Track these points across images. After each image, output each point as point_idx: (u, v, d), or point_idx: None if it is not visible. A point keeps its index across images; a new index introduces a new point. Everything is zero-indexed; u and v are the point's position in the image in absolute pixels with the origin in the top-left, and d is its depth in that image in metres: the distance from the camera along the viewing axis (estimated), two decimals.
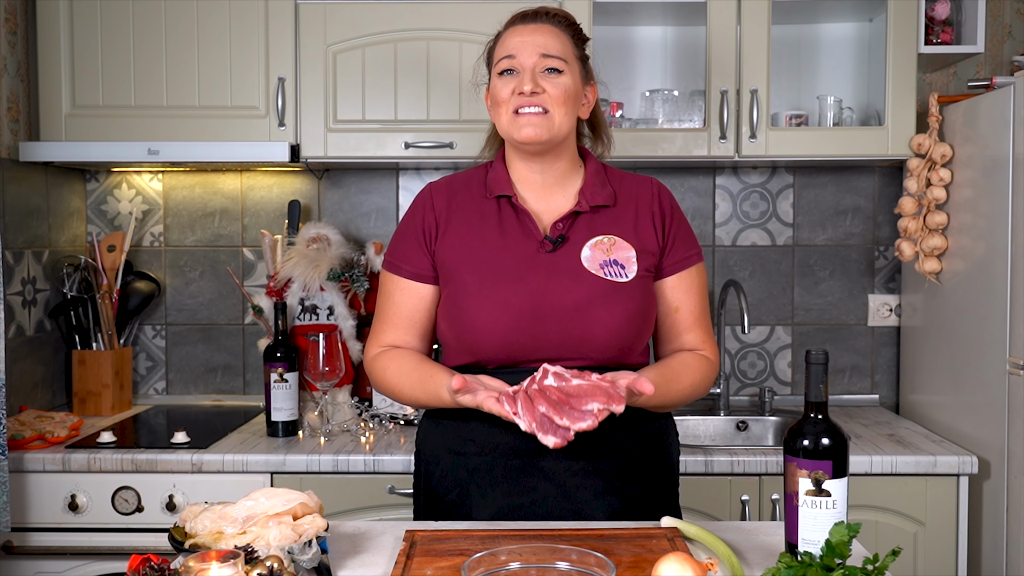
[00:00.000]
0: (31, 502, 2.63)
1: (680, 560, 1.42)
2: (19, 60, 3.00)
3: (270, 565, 1.42)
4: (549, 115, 1.86)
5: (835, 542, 1.46)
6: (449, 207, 1.96)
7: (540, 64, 1.87)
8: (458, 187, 2.00)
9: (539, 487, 1.88)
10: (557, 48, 1.88)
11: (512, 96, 1.87)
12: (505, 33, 1.94)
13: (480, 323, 1.86)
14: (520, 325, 1.84)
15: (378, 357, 1.98)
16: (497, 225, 1.93)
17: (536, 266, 1.88)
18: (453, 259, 1.92)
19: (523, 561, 1.49)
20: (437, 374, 1.87)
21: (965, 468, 2.63)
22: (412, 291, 1.96)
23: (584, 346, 1.85)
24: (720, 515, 2.64)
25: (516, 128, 1.87)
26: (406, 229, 1.99)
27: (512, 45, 1.89)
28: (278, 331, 2.89)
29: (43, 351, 3.11)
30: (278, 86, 2.93)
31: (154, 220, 3.38)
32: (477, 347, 1.87)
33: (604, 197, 1.94)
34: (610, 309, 1.86)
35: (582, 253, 1.89)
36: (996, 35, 3.25)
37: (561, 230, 1.91)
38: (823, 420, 1.57)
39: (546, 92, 1.86)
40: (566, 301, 1.85)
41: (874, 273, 3.35)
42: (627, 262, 1.90)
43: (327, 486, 2.62)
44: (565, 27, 1.94)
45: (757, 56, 2.92)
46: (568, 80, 1.88)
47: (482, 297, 1.87)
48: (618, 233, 1.92)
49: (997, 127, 2.61)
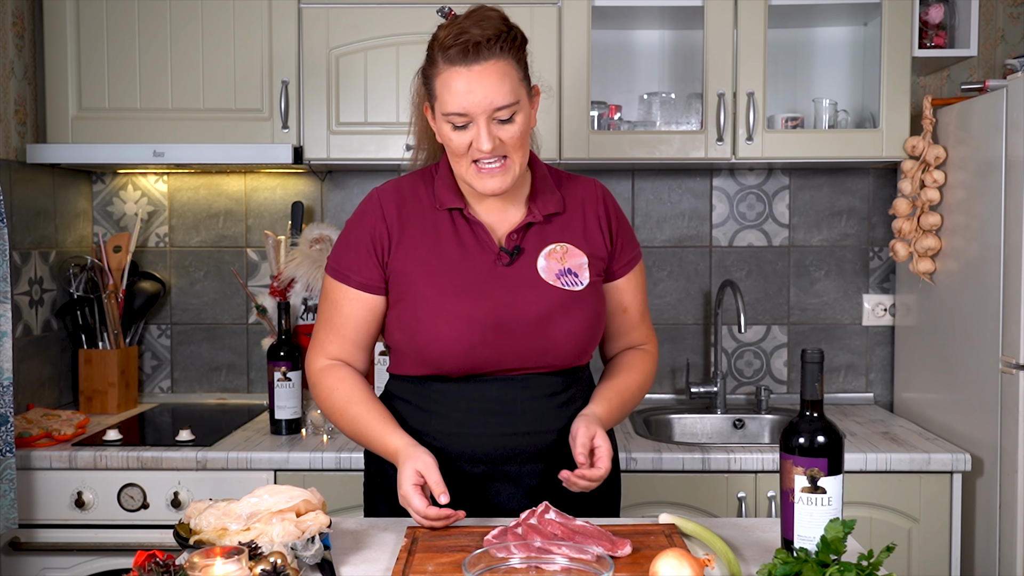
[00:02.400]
0: (38, 499, 2.64)
1: (677, 556, 1.43)
2: (26, 63, 3.02)
3: (274, 561, 1.43)
4: (509, 162, 1.82)
5: (830, 538, 1.48)
6: (400, 216, 1.92)
7: (494, 115, 1.78)
8: (407, 195, 1.95)
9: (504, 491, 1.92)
10: (506, 93, 1.77)
11: (469, 151, 1.81)
12: (446, 73, 1.79)
13: (444, 338, 1.85)
14: (485, 339, 1.85)
15: (325, 373, 1.96)
16: (452, 237, 1.90)
17: (494, 279, 1.88)
18: (408, 271, 1.89)
19: (523, 557, 1.50)
20: (385, 431, 1.87)
21: (958, 465, 2.64)
22: (360, 301, 1.93)
23: (546, 355, 1.89)
24: (717, 512, 2.66)
25: (479, 182, 1.83)
26: (354, 237, 1.94)
27: (460, 99, 1.76)
28: (281, 330, 2.91)
29: (50, 350, 3.13)
30: (281, 89, 2.95)
31: (159, 221, 3.40)
32: (439, 361, 1.87)
33: (554, 204, 1.94)
34: (570, 318, 1.88)
35: (538, 263, 1.90)
36: (989, 39, 3.27)
37: (516, 241, 1.91)
38: (819, 418, 1.58)
39: (503, 143, 1.80)
40: (529, 314, 1.86)
41: (869, 273, 3.38)
42: (580, 269, 1.92)
43: (330, 483, 2.62)
44: (508, 52, 1.80)
45: (753, 59, 2.94)
46: (521, 120, 1.81)
47: (443, 311, 1.86)
48: (569, 240, 1.94)
49: (990, 129, 2.63)
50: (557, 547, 1.49)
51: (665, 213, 3.35)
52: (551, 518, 1.66)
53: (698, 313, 3.38)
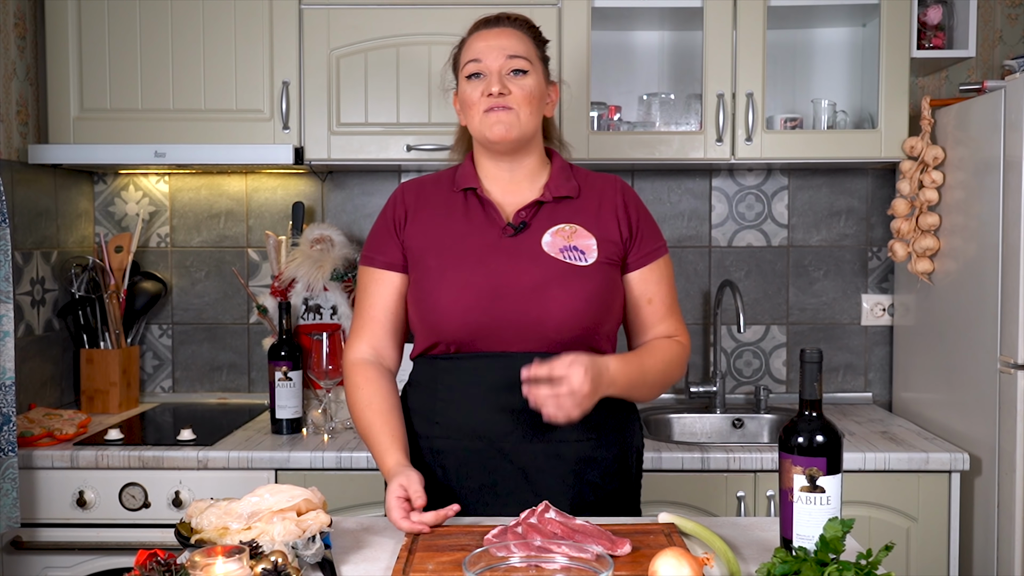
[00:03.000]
0: (40, 498, 2.65)
1: (676, 555, 1.43)
2: (28, 64, 3.03)
3: (274, 560, 1.44)
4: (515, 113, 1.93)
5: (829, 537, 1.48)
6: (417, 201, 2.04)
7: (506, 66, 1.93)
8: (427, 184, 2.08)
9: (501, 468, 1.93)
10: (521, 49, 1.96)
11: (481, 98, 1.93)
12: (470, 39, 2.01)
13: (441, 303, 1.91)
14: (479, 304, 1.89)
15: (357, 368, 2.01)
16: (462, 214, 1.99)
17: (497, 250, 1.94)
18: (419, 245, 1.99)
19: (523, 556, 1.50)
20: (389, 447, 1.90)
21: (957, 465, 2.65)
22: (386, 281, 2.02)
23: (542, 326, 1.89)
24: (716, 511, 2.67)
25: (487, 127, 1.93)
26: (378, 224, 2.07)
27: (477, 49, 1.96)
28: (282, 330, 2.92)
29: (52, 350, 3.14)
30: (282, 90, 2.96)
31: (161, 221, 3.41)
32: (439, 327, 1.93)
33: (568, 189, 2.00)
34: (568, 290, 1.90)
35: (543, 239, 1.95)
36: (987, 39, 3.28)
37: (523, 217, 1.97)
38: (817, 418, 1.58)
39: (512, 93, 1.92)
40: (524, 282, 1.90)
41: (867, 273, 3.38)
42: (587, 248, 1.95)
43: (330, 482, 2.64)
44: (527, 30, 2.01)
45: (752, 60, 2.95)
46: (532, 80, 1.95)
47: (444, 279, 1.92)
48: (579, 223, 1.98)
49: (988, 130, 2.64)
50: (557, 546, 1.49)
51: (664, 213, 3.36)
52: (551, 517, 1.66)
53: (697, 313, 3.39)
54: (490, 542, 1.62)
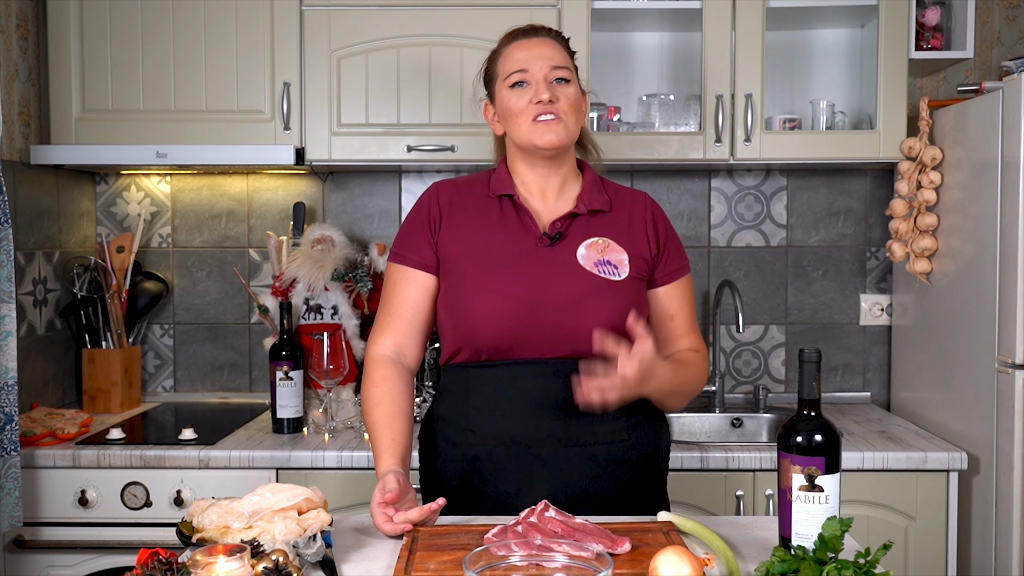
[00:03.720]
0: (42, 497, 2.66)
1: (678, 554, 1.43)
2: (30, 65, 3.04)
3: (275, 559, 1.44)
4: (563, 121, 1.95)
5: (828, 536, 1.48)
6: (452, 202, 2.03)
7: (551, 75, 1.96)
8: (462, 186, 2.08)
9: (536, 472, 1.94)
10: (561, 59, 1.99)
11: (529, 106, 1.95)
12: (507, 49, 2.02)
13: (479, 311, 1.91)
14: (517, 315, 1.90)
15: (376, 365, 2.01)
16: (499, 220, 2.00)
17: (534, 259, 1.95)
18: (454, 250, 1.98)
19: (523, 555, 1.49)
20: (386, 449, 1.90)
21: (955, 464, 2.66)
22: (416, 280, 2.01)
23: (576, 338, 1.91)
24: (715, 510, 2.67)
25: (537, 135, 1.95)
26: (412, 222, 2.05)
27: (521, 59, 1.97)
28: (283, 330, 2.92)
29: (54, 350, 3.15)
30: (283, 91, 2.97)
31: (162, 222, 3.42)
32: (474, 335, 1.93)
33: (600, 203, 2.02)
34: (602, 304, 1.92)
35: (578, 251, 1.96)
36: (985, 40, 3.29)
37: (559, 228, 1.98)
38: (816, 417, 1.58)
39: (559, 101, 1.95)
40: (561, 294, 1.91)
41: (866, 273, 3.39)
42: (620, 263, 1.97)
43: (331, 481, 2.66)
44: (561, 41, 2.05)
45: (751, 61, 2.96)
46: (575, 89, 1.98)
47: (482, 286, 1.93)
48: (612, 237, 2.00)
49: (986, 131, 2.65)
50: (557, 545, 1.49)
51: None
52: (551, 516, 1.67)
53: (697, 313, 3.39)
54: (490, 541, 1.63)
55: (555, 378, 1.92)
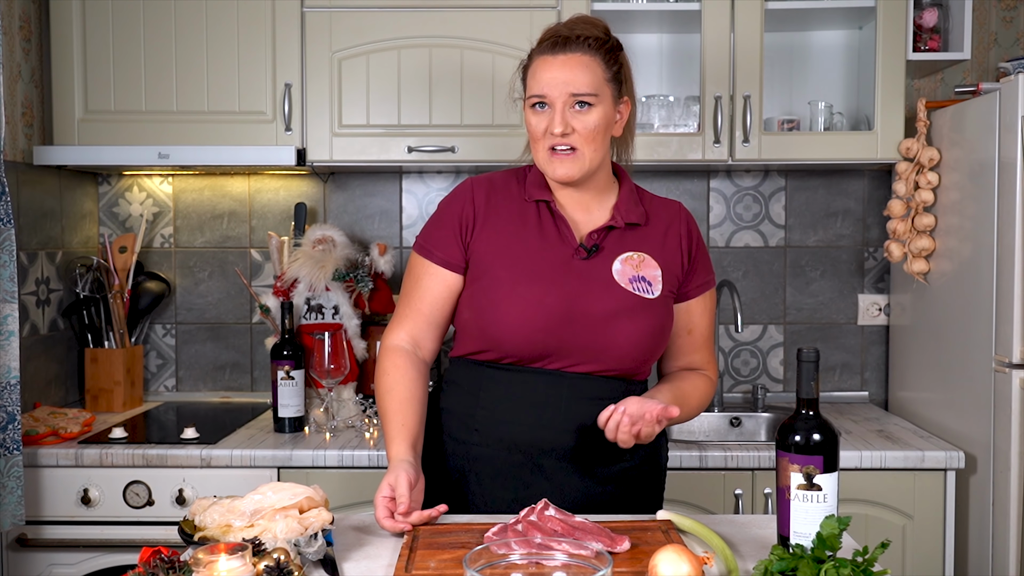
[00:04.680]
0: (45, 496, 2.67)
1: (677, 552, 1.44)
2: (33, 67, 3.06)
3: (277, 557, 1.45)
4: (579, 153, 1.89)
5: (826, 535, 1.48)
6: (488, 203, 1.99)
7: (570, 100, 1.87)
8: (498, 185, 2.02)
9: (534, 483, 1.94)
10: (586, 83, 1.87)
11: (545, 135, 1.89)
12: (536, 62, 1.92)
13: (511, 319, 1.89)
14: (550, 326, 1.89)
15: (390, 353, 2.00)
16: (535, 227, 1.96)
17: (570, 271, 1.92)
18: (488, 254, 1.95)
19: (523, 554, 1.49)
20: (397, 434, 1.90)
21: (952, 463, 2.67)
22: (439, 277, 1.99)
23: (605, 354, 1.90)
24: (714, 509, 2.68)
25: (550, 167, 1.91)
26: (443, 217, 2.01)
27: (544, 81, 1.88)
28: (285, 330, 2.93)
29: (56, 349, 3.16)
30: (285, 92, 2.98)
31: (164, 222, 3.43)
32: (503, 341, 1.91)
33: (637, 216, 1.99)
34: (635, 322, 1.91)
35: (613, 266, 1.94)
36: (982, 42, 3.30)
37: (596, 240, 1.95)
38: (814, 416, 1.59)
39: (575, 132, 1.88)
40: (596, 309, 1.90)
41: (864, 273, 3.40)
42: (654, 280, 1.95)
43: (332, 480, 2.66)
44: (596, 51, 1.90)
45: (750, 63, 2.97)
46: (597, 115, 1.88)
47: (516, 294, 1.90)
48: (647, 251, 1.98)
49: (983, 131, 2.65)
50: (557, 543, 1.50)
51: None
52: (551, 515, 1.67)
53: None
54: (491, 540, 1.64)
55: (569, 394, 1.92)
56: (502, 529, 1.67)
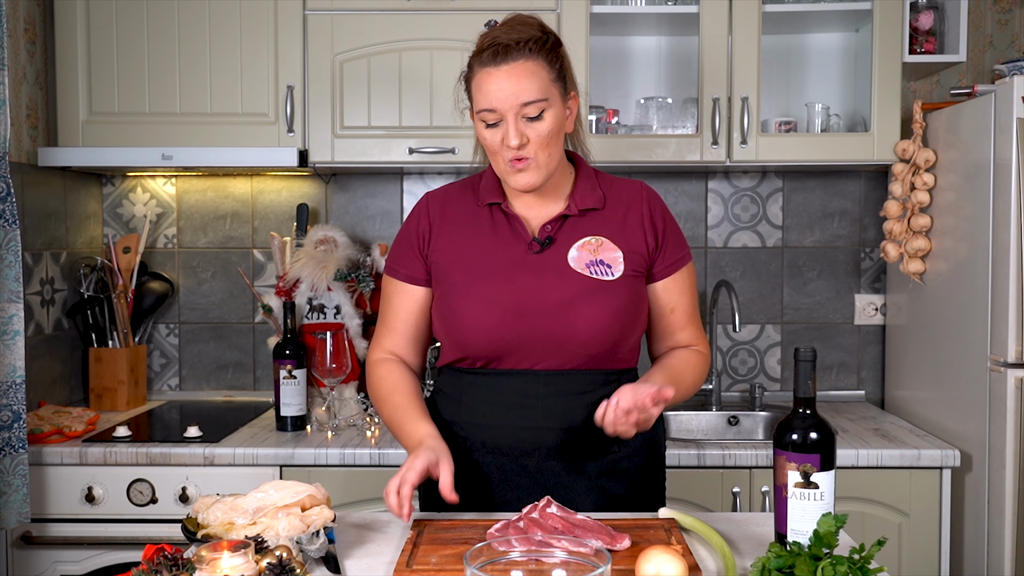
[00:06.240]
0: (49, 494, 2.68)
1: (662, 553, 1.44)
2: (38, 68, 3.07)
3: (279, 555, 1.45)
4: (537, 160, 1.86)
5: (823, 532, 1.49)
6: (443, 213, 2.01)
7: (521, 111, 1.83)
8: (453, 195, 2.04)
9: (523, 485, 1.94)
10: (535, 90, 1.83)
11: (502, 147, 1.86)
12: (479, 73, 1.87)
13: (468, 320, 1.90)
14: (505, 322, 1.89)
15: (379, 365, 2.04)
16: (489, 230, 1.97)
17: (524, 266, 1.92)
18: (446, 262, 1.96)
19: (523, 551, 1.49)
20: (417, 418, 1.92)
21: (948, 461, 2.68)
22: (407, 293, 2.02)
23: (568, 343, 1.89)
24: (712, 507, 2.69)
25: (512, 179, 1.89)
26: (403, 235, 2.04)
27: (490, 97, 1.84)
28: (287, 330, 2.95)
29: (61, 349, 3.18)
30: (287, 94, 3.00)
31: (168, 223, 3.44)
32: (465, 343, 1.93)
33: (593, 200, 1.96)
34: (594, 306, 1.88)
35: (569, 254, 1.93)
36: (978, 44, 3.31)
37: (549, 232, 1.94)
38: (811, 415, 1.59)
39: (531, 142, 1.85)
40: (550, 299, 1.89)
41: (860, 274, 3.42)
42: (614, 262, 1.93)
43: (334, 478, 2.68)
44: (538, 53, 1.85)
45: (748, 65, 2.98)
46: (550, 119, 1.86)
47: (470, 296, 1.91)
48: (605, 235, 1.95)
49: (978, 133, 2.67)
50: (557, 540, 1.50)
51: None
52: (552, 512, 1.68)
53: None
54: (492, 536, 1.66)
55: (545, 391, 1.92)
56: (504, 526, 1.68)
